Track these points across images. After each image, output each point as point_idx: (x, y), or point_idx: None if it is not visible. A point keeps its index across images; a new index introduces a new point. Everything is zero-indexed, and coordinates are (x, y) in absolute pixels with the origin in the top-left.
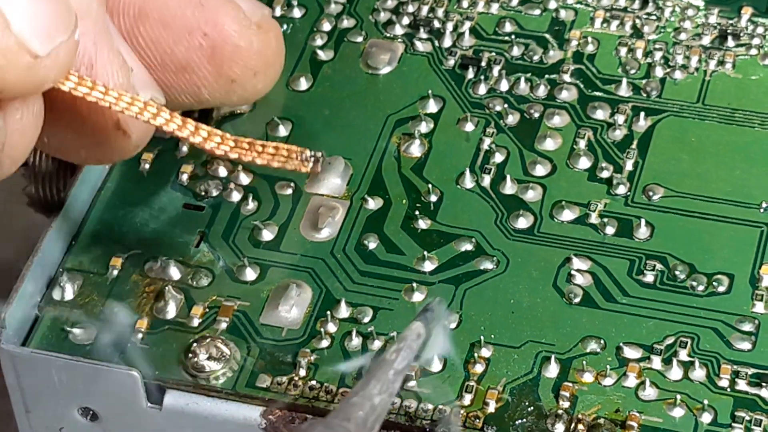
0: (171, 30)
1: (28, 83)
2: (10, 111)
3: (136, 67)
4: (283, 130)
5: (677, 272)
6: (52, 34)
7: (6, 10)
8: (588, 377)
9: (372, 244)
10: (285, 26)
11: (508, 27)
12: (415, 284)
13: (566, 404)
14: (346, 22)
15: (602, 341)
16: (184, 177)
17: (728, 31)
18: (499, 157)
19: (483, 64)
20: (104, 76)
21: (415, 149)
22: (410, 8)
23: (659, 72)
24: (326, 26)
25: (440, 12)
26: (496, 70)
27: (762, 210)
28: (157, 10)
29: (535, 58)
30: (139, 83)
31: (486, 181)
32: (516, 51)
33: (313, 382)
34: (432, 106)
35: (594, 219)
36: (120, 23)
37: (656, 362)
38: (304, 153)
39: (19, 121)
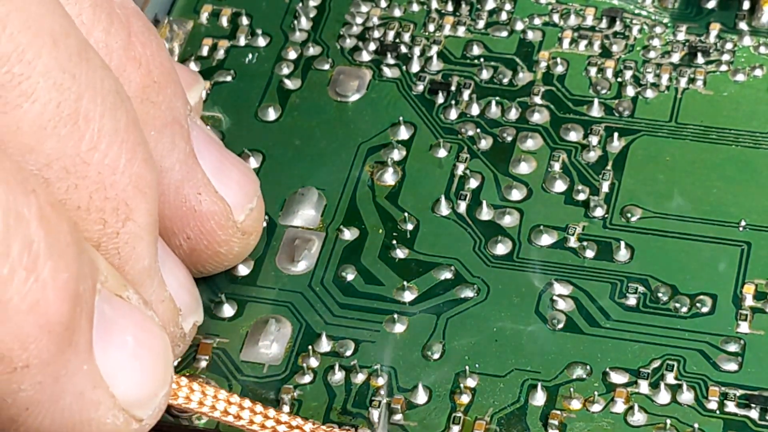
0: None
1: None
2: None
3: (179, 291)
4: (254, 162)
5: (660, 294)
6: (156, 395)
7: (114, 387)
8: (576, 404)
9: (350, 275)
10: (250, 56)
11: (476, 50)
12: (396, 315)
13: None
14: (312, 50)
15: (588, 367)
16: None
17: (697, 47)
18: (473, 183)
19: (452, 88)
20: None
21: (389, 177)
22: (376, 34)
23: (630, 91)
24: (292, 54)
25: (407, 37)
26: (466, 94)
27: (741, 228)
28: None
29: (505, 80)
30: (182, 315)
31: (462, 207)
32: (485, 74)
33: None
34: (403, 133)
35: (573, 243)
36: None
37: (644, 386)
38: None
39: None
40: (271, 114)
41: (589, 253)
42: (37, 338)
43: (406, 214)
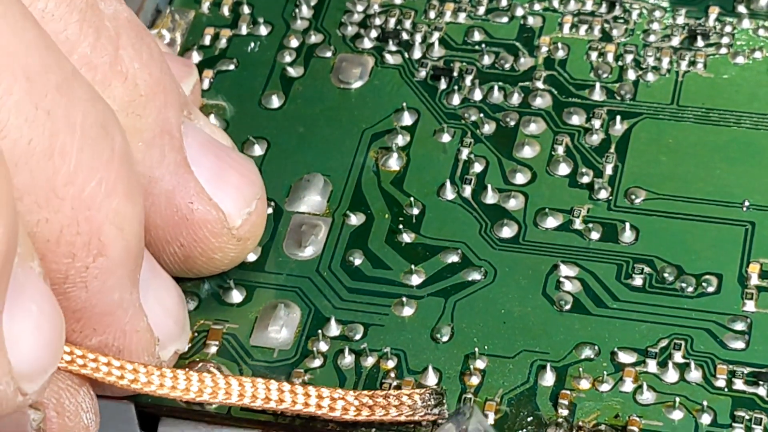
0: (149, 236)
1: (11, 412)
2: None
3: (163, 319)
4: (258, 150)
5: (665, 274)
6: (46, 371)
7: (11, 354)
8: (585, 384)
9: (357, 260)
10: (252, 44)
11: (477, 36)
12: (404, 298)
13: (565, 412)
14: (314, 38)
15: (596, 347)
16: None
17: (697, 31)
18: (478, 167)
19: (455, 74)
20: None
21: (394, 163)
22: (378, 21)
23: (631, 75)
24: (294, 42)
25: (408, 24)
26: (468, 79)
27: (744, 208)
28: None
29: (507, 66)
30: (162, 344)
31: (467, 191)
32: (487, 60)
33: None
34: (407, 119)
35: (578, 225)
36: None
37: (652, 365)
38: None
39: None
40: (275, 102)
41: (595, 235)
42: None
43: (411, 198)
